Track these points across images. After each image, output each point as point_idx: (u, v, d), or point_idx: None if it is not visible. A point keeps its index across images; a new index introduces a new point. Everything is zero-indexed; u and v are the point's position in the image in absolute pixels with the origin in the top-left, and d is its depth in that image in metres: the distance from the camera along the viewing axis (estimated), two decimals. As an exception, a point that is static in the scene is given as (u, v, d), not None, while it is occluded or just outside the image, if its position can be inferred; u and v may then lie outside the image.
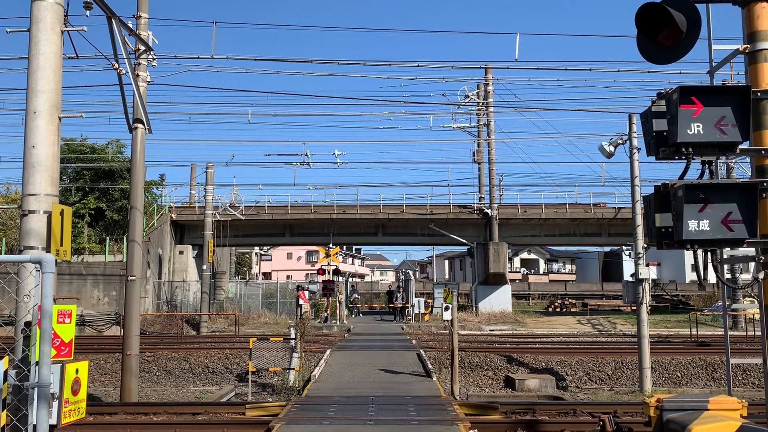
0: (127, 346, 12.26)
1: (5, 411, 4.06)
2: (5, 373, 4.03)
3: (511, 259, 60.70)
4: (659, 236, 4.86)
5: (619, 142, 15.52)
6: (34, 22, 6.88)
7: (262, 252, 74.37)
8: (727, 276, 25.87)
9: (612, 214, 34.57)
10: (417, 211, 35.17)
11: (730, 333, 7.03)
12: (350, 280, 45.86)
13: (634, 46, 5.34)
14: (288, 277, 64.23)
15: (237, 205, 34.01)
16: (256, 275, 68.76)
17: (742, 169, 25.25)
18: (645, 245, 15.14)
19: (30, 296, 5.54)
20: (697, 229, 4.62)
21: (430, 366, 15.04)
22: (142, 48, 12.57)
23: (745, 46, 5.24)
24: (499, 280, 34.38)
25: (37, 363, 3.93)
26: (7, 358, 4.14)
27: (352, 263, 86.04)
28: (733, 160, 23.24)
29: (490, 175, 34.17)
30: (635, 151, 15.12)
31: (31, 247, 6.48)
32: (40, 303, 3.93)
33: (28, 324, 4.52)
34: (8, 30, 7.47)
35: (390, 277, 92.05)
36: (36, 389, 3.90)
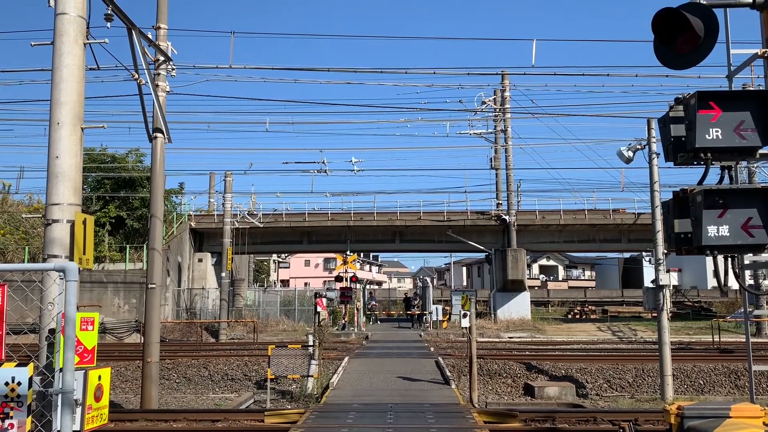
0: (147, 353, 12.37)
1: (30, 417, 4.13)
2: (30, 379, 4.10)
3: (529, 266, 60.32)
4: (678, 242, 4.83)
5: (638, 147, 15.40)
6: (58, 36, 7.02)
7: (280, 259, 74.69)
8: (750, 282, 25.50)
9: (631, 219, 34.24)
10: (434, 218, 35.12)
11: (753, 340, 6.95)
12: (368, 287, 45.87)
13: (652, 50, 5.33)
14: (306, 284, 64.46)
15: (255, 212, 34.23)
16: (275, 282, 69.02)
17: (764, 174, 24.91)
18: (665, 251, 14.98)
19: (54, 304, 5.64)
20: (716, 234, 4.58)
21: (448, 373, 14.99)
22: (162, 58, 12.73)
23: (764, 50, 5.21)
24: (517, 286, 34.17)
25: (61, 370, 4.00)
26: (32, 364, 4.21)
27: (370, 270, 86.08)
28: (755, 165, 22.95)
29: (508, 181, 34.05)
30: (654, 156, 15.00)
31: (55, 256, 6.59)
32: (64, 310, 4.00)
33: (52, 331, 4.60)
34: (33, 43, 7.62)
35: (407, 284, 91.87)
36: (60, 395, 3.97)
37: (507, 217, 33.72)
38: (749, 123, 4.69)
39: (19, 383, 4.07)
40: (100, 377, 4.65)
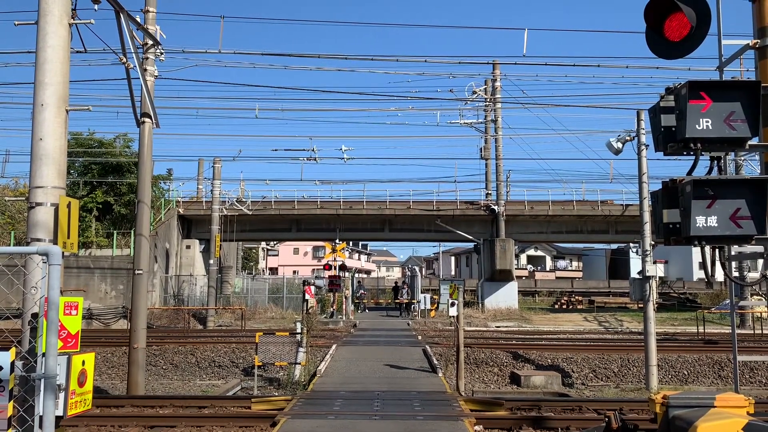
0: (134, 339, 12.32)
1: (12, 402, 4.08)
2: (12, 364, 4.05)
3: (517, 256, 60.57)
4: (667, 232, 4.83)
5: (627, 138, 15.43)
6: (42, 15, 6.89)
7: (269, 247, 74.55)
8: (735, 273, 25.72)
9: (619, 211, 34.42)
10: (423, 207, 35.12)
11: (737, 331, 6.99)
12: (356, 275, 45.88)
13: (643, 41, 5.30)
14: (294, 272, 64.35)
15: (244, 200, 34.08)
16: (263, 270, 68.94)
17: (751, 167, 25.07)
18: (653, 242, 15.06)
19: (37, 288, 5.56)
20: (705, 225, 4.59)
21: (435, 362, 15.04)
22: (150, 42, 12.58)
23: (756, 41, 5.20)
24: (505, 276, 34.31)
25: (43, 354, 3.95)
26: (14, 349, 4.15)
27: (359, 259, 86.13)
28: (743, 157, 23.07)
29: (497, 171, 34.07)
30: (643, 147, 15.04)
31: (39, 239, 6.50)
32: (47, 294, 3.94)
33: (35, 315, 4.54)
34: (16, 23, 7.48)
35: (396, 273, 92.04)
36: (43, 380, 3.92)
37: (496, 207, 33.79)
38: (739, 114, 4.68)
39: (0, 368, 4.01)
40: (84, 362, 4.60)
